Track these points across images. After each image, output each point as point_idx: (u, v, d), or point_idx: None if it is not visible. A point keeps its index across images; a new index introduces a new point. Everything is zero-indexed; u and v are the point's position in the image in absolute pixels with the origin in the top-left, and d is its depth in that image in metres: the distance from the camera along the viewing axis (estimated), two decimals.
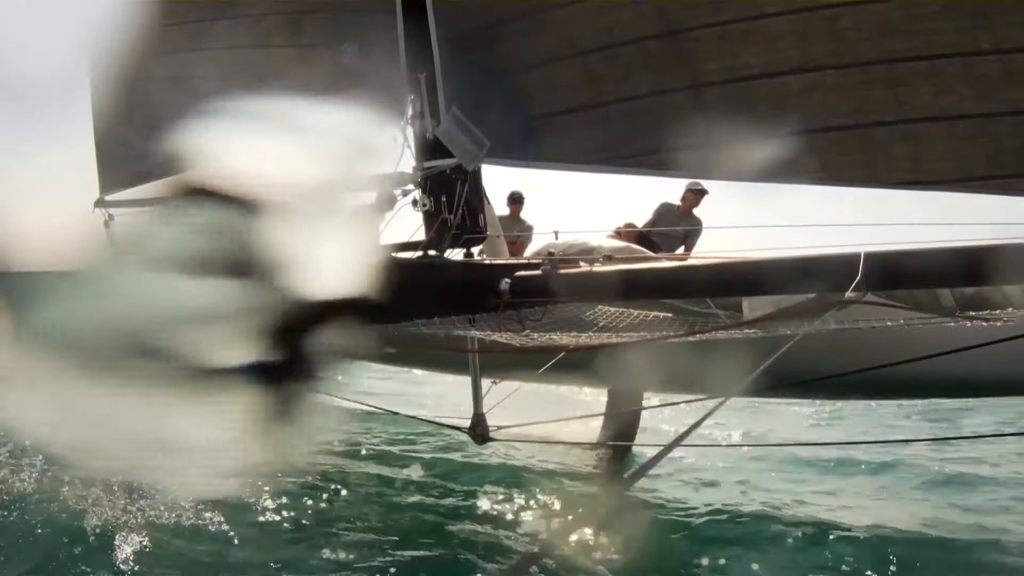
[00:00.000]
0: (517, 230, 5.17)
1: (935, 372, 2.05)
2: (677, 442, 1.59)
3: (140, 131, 5.28)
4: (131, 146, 5.32)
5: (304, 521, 3.78)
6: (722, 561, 3.20)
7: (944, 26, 2.44)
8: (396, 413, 4.39)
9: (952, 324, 2.22)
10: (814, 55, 2.67)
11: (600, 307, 3.08)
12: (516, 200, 5.45)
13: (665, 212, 5.15)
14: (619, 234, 4.79)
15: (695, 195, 5.04)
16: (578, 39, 3.10)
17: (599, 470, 3.91)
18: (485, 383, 3.64)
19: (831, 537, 3.44)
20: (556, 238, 4.78)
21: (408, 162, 3.63)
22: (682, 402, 2.97)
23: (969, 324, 2.22)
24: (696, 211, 5.12)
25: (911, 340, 2.26)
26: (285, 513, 3.86)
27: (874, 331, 2.26)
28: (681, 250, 5.01)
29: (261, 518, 3.76)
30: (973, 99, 2.44)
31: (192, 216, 1.87)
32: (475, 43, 3.33)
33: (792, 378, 2.37)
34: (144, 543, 3.20)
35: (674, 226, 4.96)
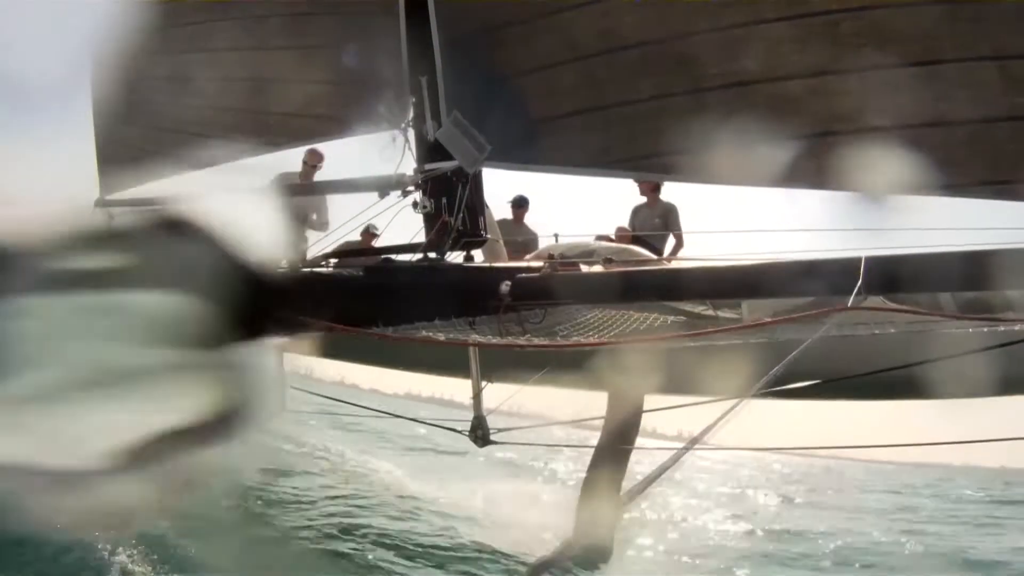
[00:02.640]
0: (520, 235, 5.17)
1: (943, 374, 2.07)
2: (689, 447, 1.59)
3: (141, 131, 5.29)
4: (132, 146, 5.33)
5: (303, 524, 3.77)
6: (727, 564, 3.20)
7: (944, 32, 2.45)
8: (397, 416, 4.38)
9: (955, 330, 2.23)
10: (814, 60, 2.68)
11: (600, 309, 3.09)
12: (520, 204, 5.45)
13: (638, 211, 5.22)
14: (611, 239, 4.82)
15: (648, 187, 5.10)
16: (579, 43, 3.10)
17: (600, 473, 3.90)
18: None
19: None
20: (556, 240, 4.80)
21: (409, 164, 3.65)
22: (683, 405, 2.97)
23: (971, 330, 2.24)
24: (663, 197, 5.17)
25: (920, 342, 2.27)
26: (283, 515, 3.85)
27: (878, 335, 2.27)
28: (672, 242, 5.07)
29: (257, 518, 3.74)
30: (972, 104, 2.45)
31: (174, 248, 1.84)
32: (477, 46, 3.34)
33: (799, 381, 2.38)
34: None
35: (651, 220, 5.02)
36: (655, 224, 5.03)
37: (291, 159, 5.21)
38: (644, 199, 5.20)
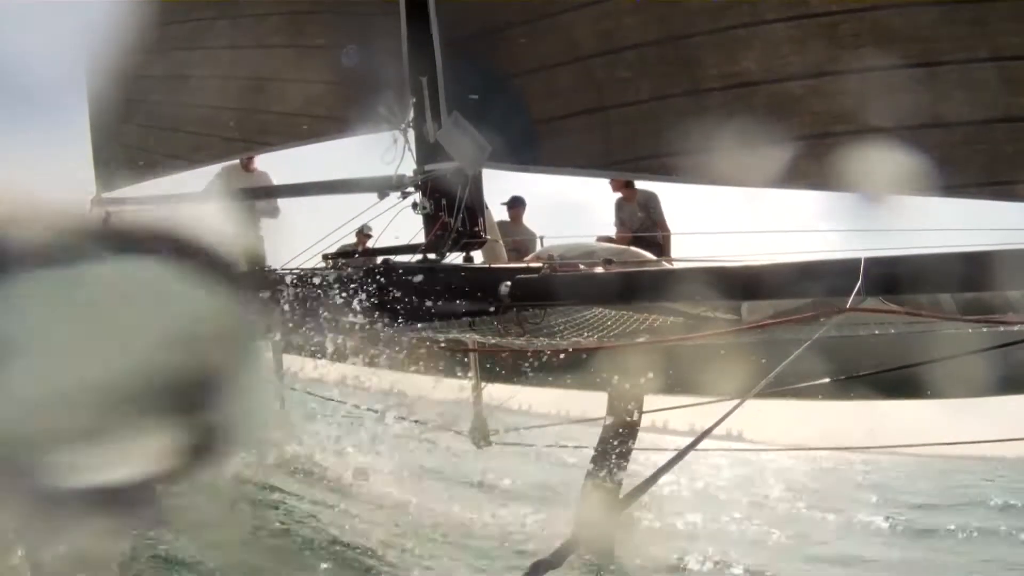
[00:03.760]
0: (518, 236, 5.17)
1: (943, 373, 2.08)
2: (690, 448, 1.60)
3: (138, 129, 5.28)
4: (128, 144, 5.31)
5: (303, 527, 3.77)
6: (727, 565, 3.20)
7: (942, 33, 2.46)
8: (397, 417, 4.38)
9: (955, 330, 2.24)
10: (814, 61, 2.69)
11: (600, 310, 3.09)
12: (516, 205, 5.43)
13: (621, 207, 5.23)
14: (612, 240, 4.83)
15: (619, 184, 5.11)
16: (580, 44, 3.11)
17: (600, 473, 3.91)
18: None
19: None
20: (541, 244, 4.81)
21: (409, 164, 3.64)
22: (683, 406, 2.98)
23: (970, 331, 2.25)
24: (640, 188, 5.19)
25: (920, 343, 2.28)
26: (284, 517, 3.84)
27: (878, 335, 2.28)
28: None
29: (255, 522, 3.73)
30: (971, 106, 2.46)
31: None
32: (477, 47, 3.34)
33: (799, 381, 2.39)
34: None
35: (635, 214, 5.05)
36: (639, 218, 5.05)
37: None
38: (620, 194, 5.21)
